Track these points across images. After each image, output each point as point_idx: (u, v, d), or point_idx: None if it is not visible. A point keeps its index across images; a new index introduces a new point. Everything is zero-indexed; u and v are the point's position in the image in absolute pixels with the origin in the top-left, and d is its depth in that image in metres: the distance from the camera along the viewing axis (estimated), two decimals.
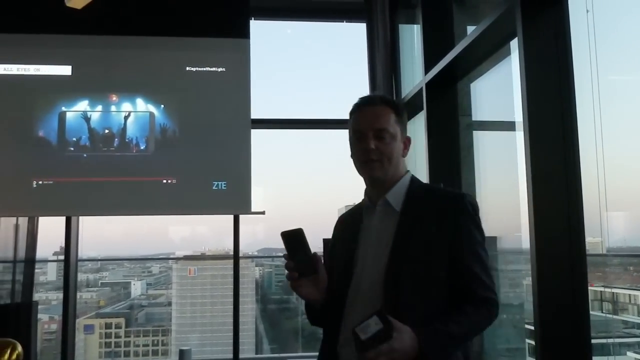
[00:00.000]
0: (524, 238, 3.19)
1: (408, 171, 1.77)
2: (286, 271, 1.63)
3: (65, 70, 4.52)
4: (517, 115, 3.13)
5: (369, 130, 1.65)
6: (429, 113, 4.11)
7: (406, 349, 1.40)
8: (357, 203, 1.89)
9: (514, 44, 3.16)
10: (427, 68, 4.14)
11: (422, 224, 1.61)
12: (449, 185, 2.44)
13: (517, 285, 3.72)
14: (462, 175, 4.01)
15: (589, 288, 2.59)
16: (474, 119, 4.12)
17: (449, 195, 1.69)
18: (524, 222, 2.83)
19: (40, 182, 4.35)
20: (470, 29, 3.93)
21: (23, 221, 4.61)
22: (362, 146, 1.66)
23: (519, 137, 3.00)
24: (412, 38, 5.05)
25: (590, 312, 2.57)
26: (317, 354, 1.73)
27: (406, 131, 1.75)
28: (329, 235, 1.94)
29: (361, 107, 1.73)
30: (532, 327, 2.71)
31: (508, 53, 3.42)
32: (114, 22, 4.46)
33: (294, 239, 1.61)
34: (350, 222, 1.80)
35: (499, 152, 3.88)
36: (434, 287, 1.56)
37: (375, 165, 1.66)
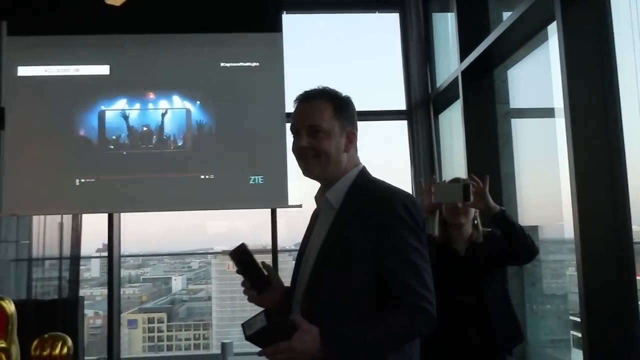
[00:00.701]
0: (566, 227, 3.13)
1: (358, 165, 1.65)
2: (243, 289, 1.63)
3: (104, 69, 4.60)
4: (557, 101, 3.07)
5: (302, 126, 1.58)
6: (465, 102, 4.05)
7: (306, 350, 1.36)
8: None
9: (552, 28, 3.09)
10: (463, 56, 4.08)
11: (352, 225, 1.51)
12: (488, 175, 2.40)
13: (559, 276, 3.65)
14: (500, 165, 3.95)
15: (638, 278, 2.52)
16: (511, 106, 4.05)
17: (379, 194, 1.54)
18: (566, 211, 2.78)
19: (82, 180, 4.45)
20: (506, 14, 3.85)
21: (67, 219, 4.74)
22: (297, 143, 1.60)
23: (559, 123, 2.94)
24: (446, 26, 4.98)
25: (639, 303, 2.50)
26: None
27: (351, 124, 1.63)
28: None
29: (298, 103, 1.64)
30: (577, 319, 2.66)
31: (545, 38, 3.34)
32: (150, 21, 4.52)
33: (241, 255, 1.59)
34: (313, 219, 1.73)
35: (539, 140, 3.81)
36: (355, 293, 1.47)
37: (311, 163, 1.58)
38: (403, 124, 5.02)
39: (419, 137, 4.85)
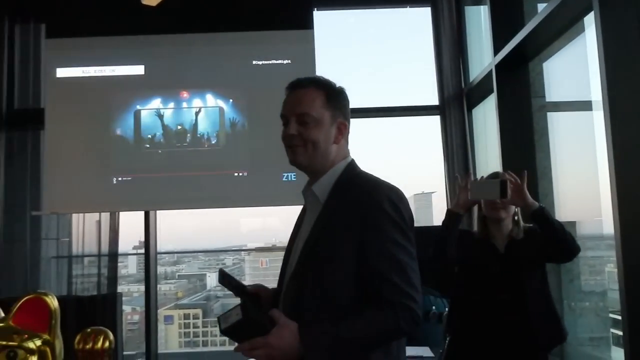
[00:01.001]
0: (605, 223, 3.06)
1: (346, 158, 1.61)
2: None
3: (139, 69, 4.69)
4: (594, 94, 3.00)
5: (292, 114, 1.55)
6: (499, 96, 4.00)
7: (283, 346, 1.32)
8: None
9: (589, 19, 3.03)
10: (497, 49, 4.02)
11: (336, 219, 1.47)
12: (525, 170, 2.36)
13: (598, 273, 3.57)
14: (536, 160, 3.89)
15: None
16: (547, 99, 3.98)
17: (363, 187, 1.50)
18: (605, 206, 2.72)
19: (120, 179, 4.55)
20: (540, 6, 3.78)
21: (105, 217, 4.85)
22: (285, 131, 1.57)
23: (597, 117, 2.87)
24: (478, 19, 4.91)
25: None
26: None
27: (343, 115, 1.60)
28: None
29: (288, 91, 1.61)
30: (617, 316, 2.60)
31: (582, 29, 3.27)
32: (183, 21, 4.58)
33: (227, 280, 1.57)
34: (302, 213, 1.69)
35: (576, 134, 3.73)
36: (338, 289, 1.43)
37: (298, 151, 1.54)
38: (436, 120, 4.98)
39: (452, 132, 4.81)
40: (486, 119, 4.74)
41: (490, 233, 2.51)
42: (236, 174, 4.56)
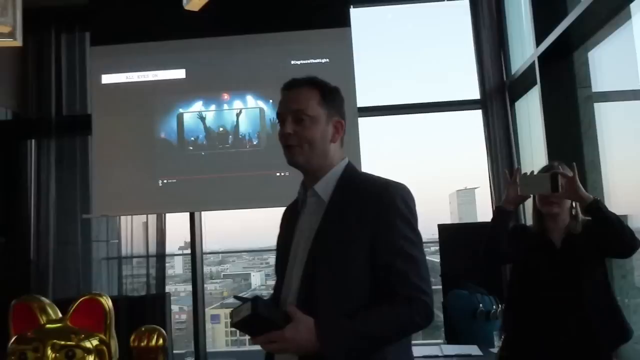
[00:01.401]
0: None
1: (345, 158, 1.63)
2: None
3: (180, 73, 4.77)
4: None
5: (288, 113, 1.56)
6: (543, 87, 3.91)
7: (299, 339, 1.34)
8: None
9: (636, 5, 2.93)
10: (539, 40, 3.94)
11: (345, 217, 1.49)
12: (574, 163, 2.30)
13: None
14: (584, 152, 3.79)
15: None
16: (594, 90, 3.87)
17: (374, 186, 1.52)
18: None
19: (165, 181, 4.64)
20: None
21: (152, 219, 4.96)
22: (282, 130, 1.57)
23: None
24: (519, 10, 4.81)
25: None
26: (437, 341, 1.75)
27: (339, 114, 1.62)
28: (443, 221, 1.91)
29: (284, 91, 1.63)
30: None
31: (629, 16, 3.17)
32: (221, 24, 4.62)
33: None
34: (291, 213, 1.70)
35: (625, 124, 3.62)
36: (352, 285, 1.45)
37: (294, 151, 1.55)
38: (477, 114, 4.91)
39: (495, 126, 4.72)
40: (530, 111, 4.64)
41: (547, 228, 2.43)
42: (278, 174, 4.59)
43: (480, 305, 3.63)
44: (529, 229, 2.52)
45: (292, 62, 4.70)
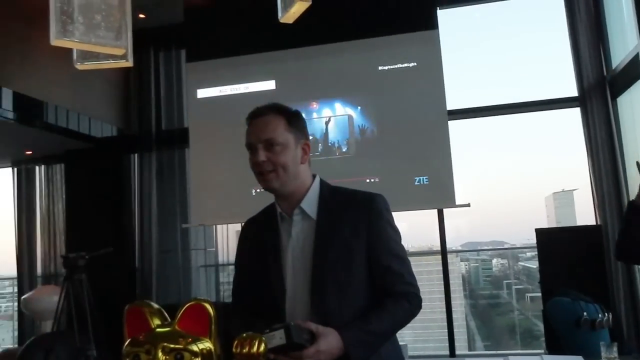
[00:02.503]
0: None
1: (315, 175, 1.77)
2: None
3: (270, 85, 4.89)
4: None
5: (258, 142, 1.66)
6: None
7: (331, 349, 1.47)
8: (265, 207, 1.85)
9: None
10: None
11: (339, 230, 1.64)
12: None
13: None
14: None
15: None
16: None
17: (361, 199, 1.71)
18: None
19: (258, 191, 4.76)
20: None
21: None
22: (254, 159, 1.67)
23: None
24: (619, 0, 4.54)
25: None
26: (537, 351, 1.71)
27: (305, 136, 1.73)
28: (539, 225, 1.87)
29: (250, 120, 1.72)
30: None
31: None
32: (309, 33, 4.68)
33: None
34: (264, 227, 1.78)
35: None
36: (357, 289, 1.63)
37: (270, 177, 1.66)
38: (575, 112, 4.68)
39: (596, 124, 4.47)
40: (634, 107, 4.35)
41: None
42: (368, 180, 4.59)
43: (585, 313, 3.44)
44: None
45: (380, 67, 4.69)
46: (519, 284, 6.61)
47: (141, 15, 5.16)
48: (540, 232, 4.35)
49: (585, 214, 4.74)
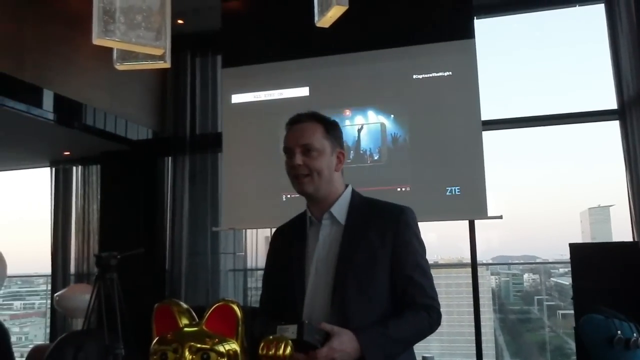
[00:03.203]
0: None
1: (347, 185, 1.83)
2: None
3: (304, 91, 4.90)
4: None
5: (296, 146, 1.72)
6: None
7: (345, 348, 1.48)
8: (296, 215, 1.92)
9: None
10: None
11: (366, 236, 1.69)
12: None
13: None
14: None
15: None
16: None
17: (390, 209, 1.76)
18: None
19: (288, 196, 4.77)
20: None
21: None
22: (291, 162, 1.72)
23: None
24: None
25: None
26: None
27: (340, 146, 1.79)
28: (573, 240, 1.87)
29: (289, 126, 1.79)
30: None
31: None
32: (344, 41, 4.68)
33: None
34: (292, 235, 1.84)
35: None
36: (378, 295, 1.65)
37: (304, 181, 1.72)
38: (614, 125, 4.57)
39: (635, 137, 4.36)
40: None
41: None
42: (399, 189, 4.56)
43: (619, 332, 3.33)
44: None
45: (414, 76, 4.66)
46: (551, 300, 6.46)
47: (179, 21, 5.25)
48: (574, 247, 4.25)
49: (621, 231, 4.63)
